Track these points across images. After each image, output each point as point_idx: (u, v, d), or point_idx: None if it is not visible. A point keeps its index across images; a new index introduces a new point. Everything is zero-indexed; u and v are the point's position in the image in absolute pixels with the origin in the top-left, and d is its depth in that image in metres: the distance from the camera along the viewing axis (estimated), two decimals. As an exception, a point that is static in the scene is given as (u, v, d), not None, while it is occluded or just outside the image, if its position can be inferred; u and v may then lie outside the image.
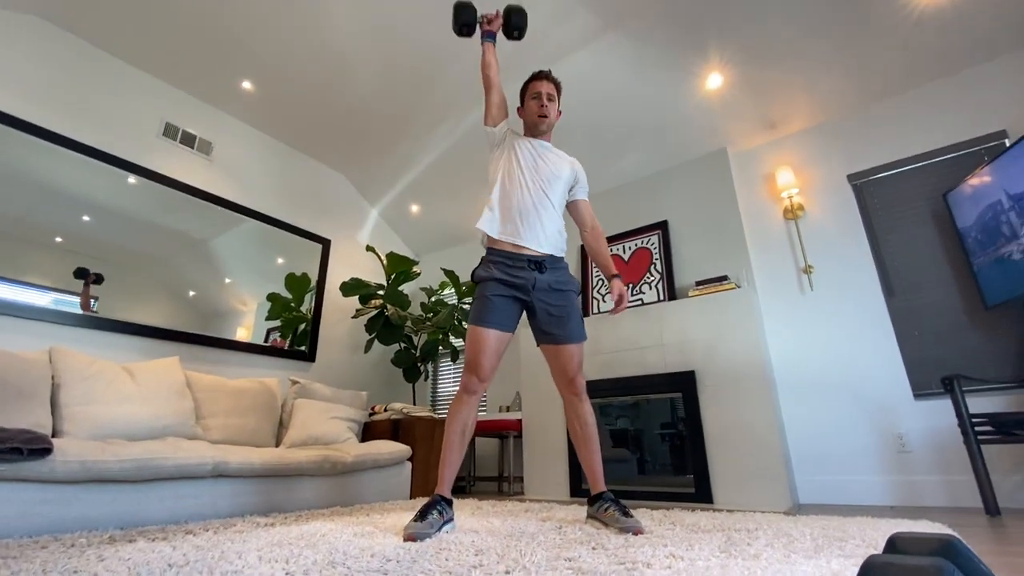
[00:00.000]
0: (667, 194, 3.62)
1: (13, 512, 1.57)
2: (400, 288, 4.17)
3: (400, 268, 4.15)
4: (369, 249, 4.22)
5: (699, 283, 3.06)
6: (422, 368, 4.12)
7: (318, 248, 4.05)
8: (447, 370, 4.65)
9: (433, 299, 4.32)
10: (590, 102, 3.31)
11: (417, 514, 1.54)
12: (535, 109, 1.90)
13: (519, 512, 2.08)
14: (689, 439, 2.76)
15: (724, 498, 2.56)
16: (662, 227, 3.53)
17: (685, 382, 2.85)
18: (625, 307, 1.83)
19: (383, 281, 4.27)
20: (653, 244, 3.53)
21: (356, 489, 2.60)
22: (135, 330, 2.82)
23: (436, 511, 1.55)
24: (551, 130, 1.96)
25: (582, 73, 3.13)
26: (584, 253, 3.85)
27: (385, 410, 3.37)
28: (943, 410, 2.47)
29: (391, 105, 3.53)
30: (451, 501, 1.65)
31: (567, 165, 1.92)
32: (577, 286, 1.86)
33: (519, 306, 1.78)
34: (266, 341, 3.52)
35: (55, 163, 2.70)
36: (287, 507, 2.27)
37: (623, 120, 3.40)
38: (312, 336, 3.82)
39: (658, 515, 1.92)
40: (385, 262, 4.18)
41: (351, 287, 3.91)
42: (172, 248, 3.15)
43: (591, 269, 3.77)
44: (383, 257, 4.22)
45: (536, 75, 1.95)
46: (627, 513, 1.60)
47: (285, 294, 3.72)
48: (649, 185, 3.74)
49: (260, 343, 3.47)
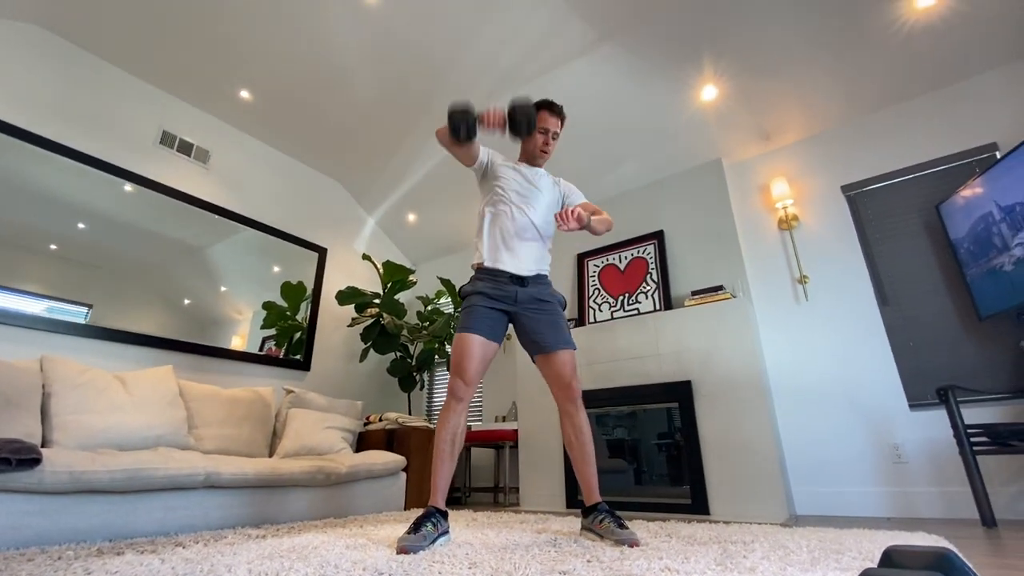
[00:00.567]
0: (663, 204, 3.63)
1: (0, 523, 1.54)
2: (396, 297, 4.17)
3: (396, 277, 4.15)
4: (365, 258, 4.22)
5: (695, 293, 3.07)
6: (418, 377, 4.10)
7: (314, 256, 4.04)
8: (443, 379, 4.63)
9: (429, 308, 4.31)
10: (585, 112, 3.33)
11: (411, 526, 1.52)
12: (539, 143, 1.88)
13: (514, 524, 2.06)
14: (686, 449, 2.75)
15: (721, 509, 2.55)
16: (658, 237, 3.54)
17: (681, 392, 2.84)
18: (572, 222, 1.61)
19: (379, 290, 4.26)
20: (649, 254, 3.54)
21: (350, 500, 2.57)
22: (129, 339, 2.81)
23: (430, 523, 1.53)
24: (546, 162, 1.97)
25: (577, 83, 3.16)
26: (580, 261, 3.86)
27: (380, 420, 3.34)
28: (939, 421, 2.46)
29: (388, 114, 3.55)
30: (446, 513, 1.63)
31: (554, 189, 1.94)
32: (561, 299, 1.87)
33: (504, 318, 1.79)
34: (261, 350, 3.50)
35: (51, 170, 2.70)
36: (280, 519, 2.24)
37: (618, 130, 3.43)
38: (307, 345, 3.80)
39: (654, 527, 1.91)
40: (381, 271, 4.18)
41: (347, 296, 3.90)
42: (168, 256, 3.13)
43: (587, 279, 3.77)
44: (379, 266, 4.21)
45: (549, 107, 1.88)
46: (622, 525, 1.59)
47: (281, 303, 3.71)
48: (645, 195, 3.76)
49: (255, 352, 3.45)
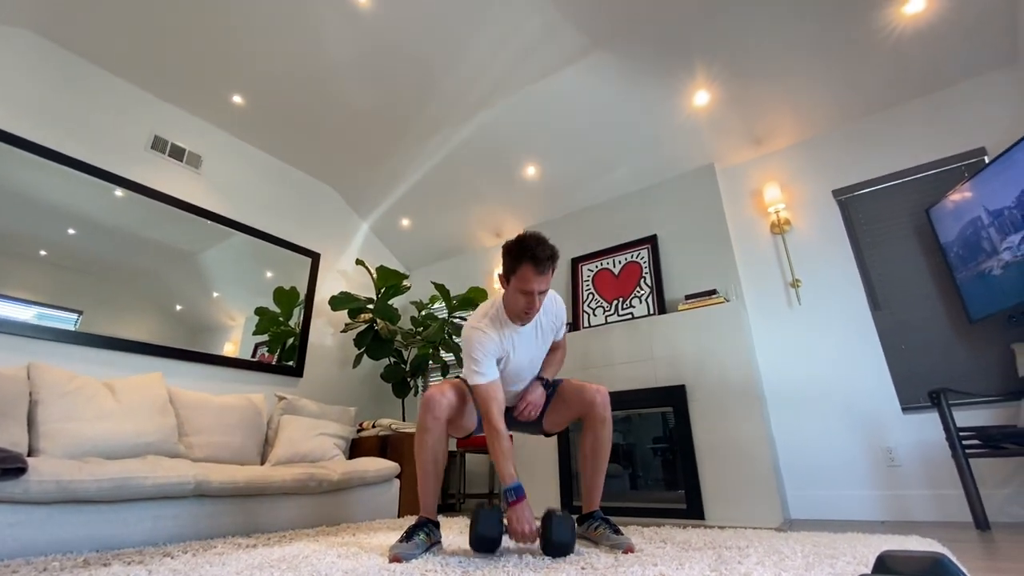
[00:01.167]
0: (656, 209, 3.65)
1: (-17, 535, 1.51)
2: (390, 302, 4.15)
3: (390, 282, 4.13)
4: (359, 263, 4.21)
5: (688, 297, 3.07)
6: (412, 383, 4.08)
7: (307, 262, 4.02)
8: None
9: (423, 313, 4.29)
10: (579, 118, 3.35)
11: (404, 535, 1.51)
12: (522, 305, 1.54)
13: (508, 530, 2.04)
14: (680, 454, 2.75)
15: (716, 514, 2.54)
16: (651, 241, 3.55)
17: (676, 396, 2.84)
18: (527, 411, 1.68)
19: (373, 295, 4.24)
20: (643, 258, 3.54)
21: (342, 508, 2.54)
22: (119, 345, 2.77)
23: (423, 533, 1.52)
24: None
25: (570, 89, 3.17)
26: (574, 266, 3.86)
27: (373, 426, 3.31)
28: (931, 424, 2.47)
29: (382, 119, 3.54)
30: (438, 523, 1.62)
31: (540, 342, 1.74)
32: (547, 381, 1.81)
33: None
34: (254, 356, 3.47)
35: (40, 175, 2.67)
36: (271, 527, 2.21)
37: (611, 135, 3.44)
38: (300, 351, 3.77)
39: (649, 532, 1.90)
40: (375, 276, 4.16)
41: (340, 301, 3.88)
42: (159, 262, 3.11)
43: (581, 283, 3.77)
44: (373, 271, 4.20)
45: (533, 260, 1.45)
46: (617, 531, 1.59)
47: (273, 308, 3.68)
48: (638, 200, 3.76)
49: (247, 358, 3.42)
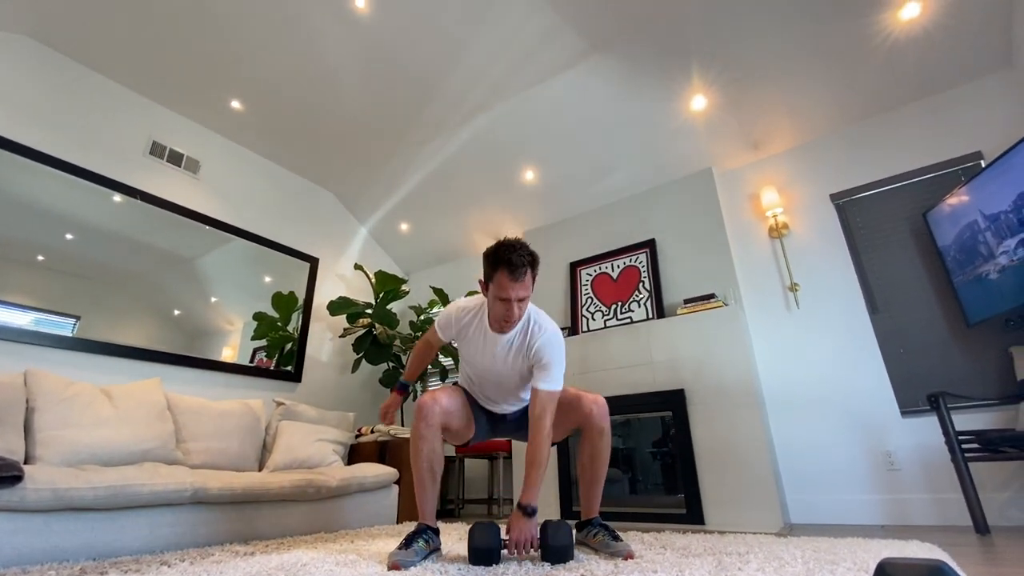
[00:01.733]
0: (654, 213, 3.65)
1: (-21, 544, 1.50)
2: (388, 307, 4.14)
3: (389, 286, 4.13)
4: (357, 267, 4.20)
5: (687, 301, 3.08)
6: (411, 388, 4.06)
7: (306, 266, 4.02)
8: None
9: (422, 317, 4.28)
10: (576, 122, 3.36)
11: (402, 542, 1.50)
12: (501, 312, 1.53)
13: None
14: (680, 459, 2.74)
15: (716, 519, 2.54)
16: (650, 245, 3.55)
17: (675, 400, 2.83)
18: (518, 550, 1.39)
19: (371, 300, 4.24)
20: (641, 262, 3.55)
21: (341, 514, 2.53)
22: (117, 351, 2.76)
23: (422, 540, 1.51)
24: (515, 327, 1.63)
25: (568, 93, 3.18)
26: (573, 270, 3.86)
27: (372, 431, 3.30)
28: (930, 427, 2.47)
29: (381, 124, 3.55)
30: (437, 530, 1.61)
31: (526, 354, 1.63)
32: None
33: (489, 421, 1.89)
34: (252, 361, 3.46)
35: (38, 180, 2.66)
36: (269, 534, 2.20)
37: (609, 139, 3.45)
38: (298, 356, 3.76)
39: (649, 538, 1.89)
40: (373, 280, 4.16)
41: (339, 306, 3.87)
42: (157, 267, 3.10)
43: (580, 287, 3.77)
44: (371, 275, 4.19)
45: (508, 266, 1.45)
46: (616, 538, 1.58)
47: (272, 313, 3.67)
48: (636, 204, 3.77)
49: (246, 363, 3.41)
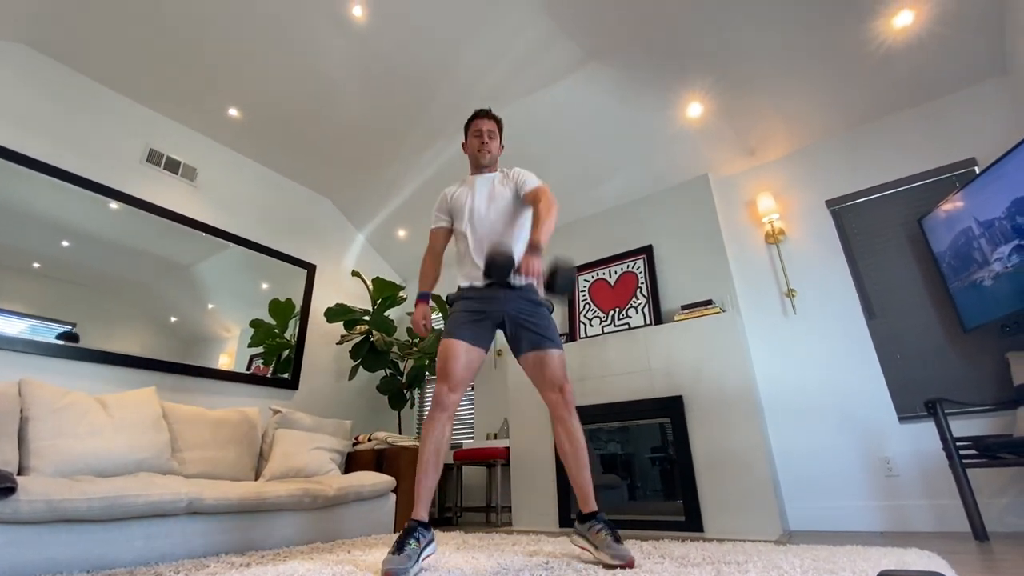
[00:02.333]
0: (651, 219, 3.66)
1: (-30, 557, 1.48)
2: (386, 313, 4.13)
3: (386, 293, 4.12)
4: (355, 274, 4.20)
5: (685, 307, 3.08)
6: (408, 395, 4.05)
7: (303, 273, 4.01)
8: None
9: (420, 324, 4.27)
10: (574, 128, 3.37)
11: (394, 546, 1.47)
12: (476, 145, 2.04)
13: (506, 546, 2.02)
14: (678, 465, 2.73)
15: (714, 526, 2.53)
16: (647, 251, 3.56)
17: (673, 407, 2.83)
18: (529, 273, 1.59)
19: (369, 306, 4.23)
20: (638, 268, 3.55)
21: (338, 523, 2.51)
22: (113, 359, 2.75)
23: (413, 539, 1.49)
24: (495, 163, 2.07)
25: (565, 101, 3.19)
26: (571, 277, 3.86)
27: (369, 439, 3.28)
28: (928, 433, 2.47)
29: (377, 130, 3.56)
30: (428, 524, 1.59)
31: (506, 186, 1.98)
32: (549, 304, 1.88)
33: (490, 324, 1.81)
34: (248, 368, 3.45)
35: (34, 188, 2.66)
36: (265, 545, 2.18)
37: (606, 146, 3.46)
38: (295, 363, 3.75)
39: (647, 547, 1.88)
40: (371, 287, 4.15)
41: (336, 313, 3.86)
42: (154, 274, 3.09)
43: (577, 293, 3.77)
44: (369, 282, 4.19)
45: (477, 114, 2.09)
46: (618, 539, 1.55)
47: (269, 320, 3.66)
48: (633, 210, 3.78)
49: (243, 371, 3.40)
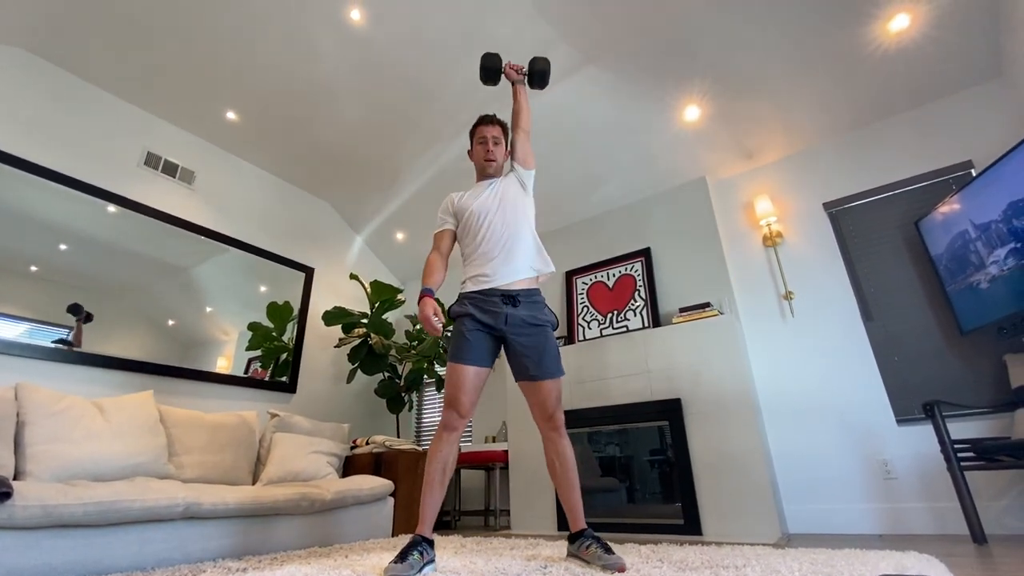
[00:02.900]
0: (649, 222, 3.67)
1: (-35, 563, 1.48)
2: (384, 316, 4.13)
3: (384, 296, 4.12)
4: (353, 277, 4.19)
5: (683, 310, 3.08)
6: (406, 398, 4.05)
7: (301, 276, 4.01)
8: (432, 400, 4.57)
9: (418, 327, 4.27)
10: (571, 132, 3.38)
11: (397, 555, 1.50)
12: (481, 154, 2.01)
13: (504, 550, 2.01)
14: (677, 468, 2.73)
15: (713, 529, 2.52)
16: (645, 254, 3.56)
17: (671, 410, 2.83)
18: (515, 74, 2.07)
19: (367, 310, 4.22)
20: (636, 271, 3.55)
21: (335, 528, 2.51)
22: (110, 363, 2.74)
23: (417, 552, 1.51)
24: (501, 171, 2.03)
25: (563, 104, 3.20)
26: (568, 279, 3.87)
27: (367, 443, 3.28)
28: (926, 436, 2.48)
29: (377, 133, 3.56)
30: (432, 541, 1.61)
31: (512, 182, 1.98)
32: (553, 321, 1.84)
33: (495, 342, 1.77)
34: (246, 372, 3.44)
35: (32, 191, 2.65)
36: (262, 549, 2.17)
37: (604, 149, 3.47)
38: (293, 366, 3.74)
39: (646, 551, 1.88)
40: (369, 290, 4.15)
41: (334, 316, 3.86)
42: (151, 277, 3.08)
43: (576, 296, 3.77)
44: (367, 285, 4.18)
45: (481, 119, 2.06)
46: (609, 550, 1.57)
47: (267, 323, 3.65)
48: (631, 213, 3.79)
49: (240, 374, 3.39)
